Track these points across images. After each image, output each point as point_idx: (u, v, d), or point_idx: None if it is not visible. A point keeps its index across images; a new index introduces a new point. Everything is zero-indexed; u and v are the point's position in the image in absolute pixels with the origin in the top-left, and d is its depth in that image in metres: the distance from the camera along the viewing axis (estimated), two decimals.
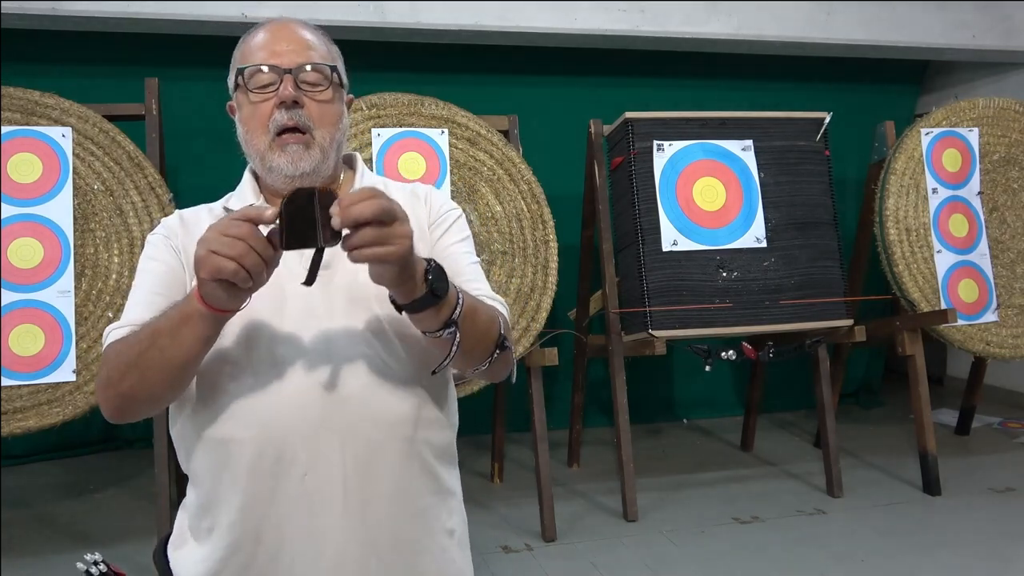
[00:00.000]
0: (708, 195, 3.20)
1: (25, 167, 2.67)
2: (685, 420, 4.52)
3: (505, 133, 3.15)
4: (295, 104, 1.16)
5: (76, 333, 2.62)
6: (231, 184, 1.32)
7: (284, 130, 1.16)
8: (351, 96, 1.29)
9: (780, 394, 4.37)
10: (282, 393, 1.10)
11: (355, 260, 0.95)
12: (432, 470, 1.19)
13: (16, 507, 3.21)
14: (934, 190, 3.44)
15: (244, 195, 1.25)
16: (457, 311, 1.04)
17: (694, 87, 4.31)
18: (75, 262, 2.66)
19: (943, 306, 3.31)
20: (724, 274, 3.14)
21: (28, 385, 2.56)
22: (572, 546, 2.83)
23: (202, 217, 1.25)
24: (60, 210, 2.67)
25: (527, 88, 4.13)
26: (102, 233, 2.71)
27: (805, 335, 3.21)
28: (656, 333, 3.01)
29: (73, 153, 2.72)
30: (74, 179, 2.71)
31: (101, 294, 2.67)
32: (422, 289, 1.01)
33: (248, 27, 1.28)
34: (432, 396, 1.19)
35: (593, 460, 3.78)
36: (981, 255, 3.46)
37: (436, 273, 1.01)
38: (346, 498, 1.11)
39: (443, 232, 1.27)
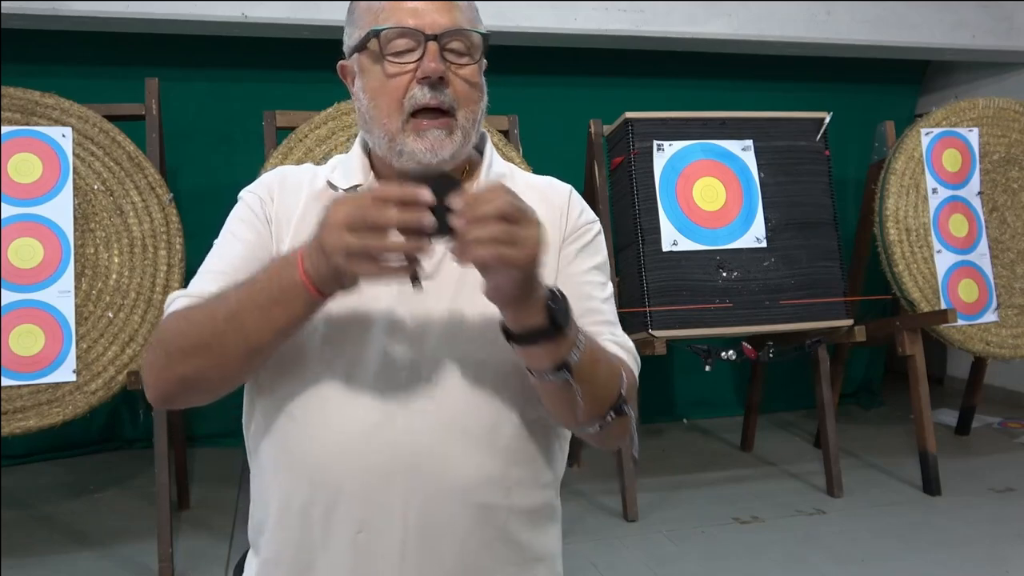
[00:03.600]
0: (708, 195, 3.20)
1: (25, 167, 2.67)
2: (685, 420, 4.52)
3: (505, 133, 3.15)
4: (440, 81, 0.97)
5: (76, 333, 2.62)
6: (231, 184, 1.26)
7: (422, 109, 0.97)
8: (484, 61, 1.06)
9: (780, 394, 4.37)
10: (345, 431, 0.95)
11: (472, 259, 0.79)
12: (515, 538, 1.01)
13: (16, 507, 3.21)
14: (934, 190, 3.44)
15: (351, 171, 1.06)
16: (575, 353, 0.87)
17: (694, 87, 4.31)
18: (75, 262, 2.66)
19: (943, 306, 3.31)
20: (724, 274, 3.13)
21: (28, 385, 2.56)
22: (572, 546, 2.82)
23: (303, 183, 1.07)
24: (60, 210, 2.67)
25: (527, 88, 4.12)
26: (102, 233, 2.71)
27: (805, 335, 3.21)
28: (656, 333, 3.01)
29: (73, 153, 2.72)
30: (74, 179, 2.71)
31: (101, 294, 2.67)
32: (541, 317, 0.85)
33: (248, 26, 1.17)
34: (525, 452, 1.01)
35: (593, 460, 3.78)
36: (981, 255, 3.46)
37: (559, 301, 0.86)
38: (402, 565, 0.95)
39: (578, 251, 1.07)
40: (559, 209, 1.08)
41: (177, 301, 0.97)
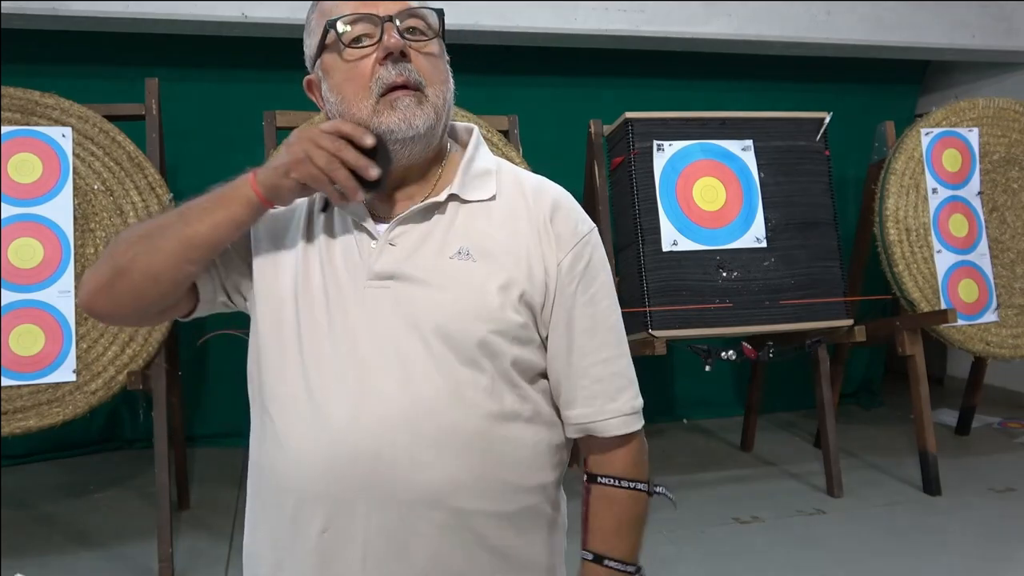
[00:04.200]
0: (708, 195, 3.20)
1: (25, 167, 2.67)
2: (685, 420, 4.52)
3: (505, 133, 3.15)
4: (402, 56, 0.96)
5: (76, 333, 2.62)
6: None
7: (391, 88, 0.97)
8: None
9: (780, 394, 4.37)
10: (310, 434, 0.96)
11: None
12: (494, 544, 0.98)
13: (16, 507, 3.21)
14: (934, 190, 3.44)
15: None
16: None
17: (694, 87, 4.31)
18: (75, 262, 2.66)
19: (943, 306, 3.31)
20: (724, 274, 3.13)
21: (28, 385, 2.56)
22: (572, 546, 2.82)
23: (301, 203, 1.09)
24: (60, 210, 2.67)
25: (527, 88, 4.13)
26: (102, 233, 2.71)
27: (805, 335, 3.21)
28: (656, 333, 3.01)
29: (73, 153, 2.72)
30: (74, 179, 2.71)
31: None
32: None
33: (248, 26, 1.19)
34: (499, 454, 0.97)
35: None
36: (981, 255, 3.46)
37: None
38: (365, 567, 0.94)
39: (578, 279, 1.01)
40: (544, 216, 1.02)
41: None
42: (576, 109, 3.87)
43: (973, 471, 3.51)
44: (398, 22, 0.96)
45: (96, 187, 2.72)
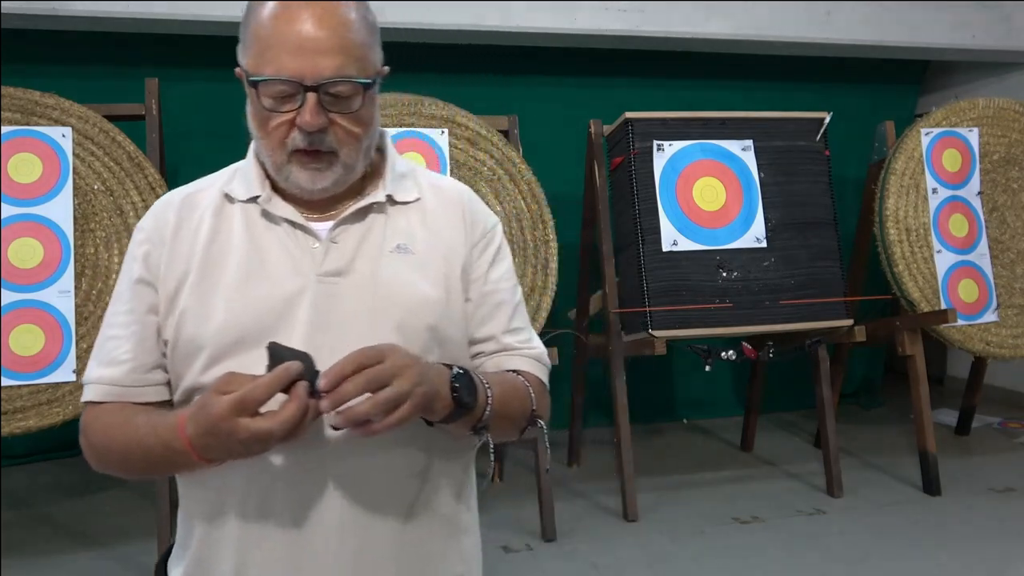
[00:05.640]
0: (708, 195, 3.20)
1: (25, 167, 2.67)
2: (685, 420, 4.52)
3: (505, 133, 3.15)
4: (319, 131, 0.97)
5: (76, 333, 2.62)
6: None
7: (303, 151, 0.99)
8: (386, 68, 1.06)
9: (780, 394, 4.37)
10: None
11: (357, 431, 0.87)
12: (442, 512, 1.07)
13: (16, 507, 3.21)
14: (934, 190, 3.44)
15: (250, 182, 1.06)
16: (488, 413, 0.98)
17: (694, 87, 4.31)
18: (75, 262, 2.66)
19: (943, 306, 3.31)
20: (724, 274, 3.13)
21: (28, 385, 2.56)
22: (572, 546, 2.83)
23: (199, 204, 1.07)
24: (60, 210, 2.67)
25: (527, 88, 4.13)
26: (102, 233, 2.71)
27: (805, 335, 3.21)
28: (656, 333, 3.01)
29: (73, 153, 2.72)
30: (74, 179, 2.71)
31: (101, 294, 2.67)
32: (448, 407, 0.93)
33: None
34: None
35: (593, 460, 3.78)
36: (981, 255, 3.46)
37: (463, 384, 0.94)
38: (340, 550, 0.99)
39: (490, 262, 1.12)
40: (462, 210, 1.12)
41: (93, 389, 1.05)
42: (576, 109, 3.87)
43: (973, 471, 3.51)
44: (322, 93, 0.95)
45: (96, 187, 2.72)
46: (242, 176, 1.08)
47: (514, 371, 1.11)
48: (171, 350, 1.02)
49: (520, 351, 1.12)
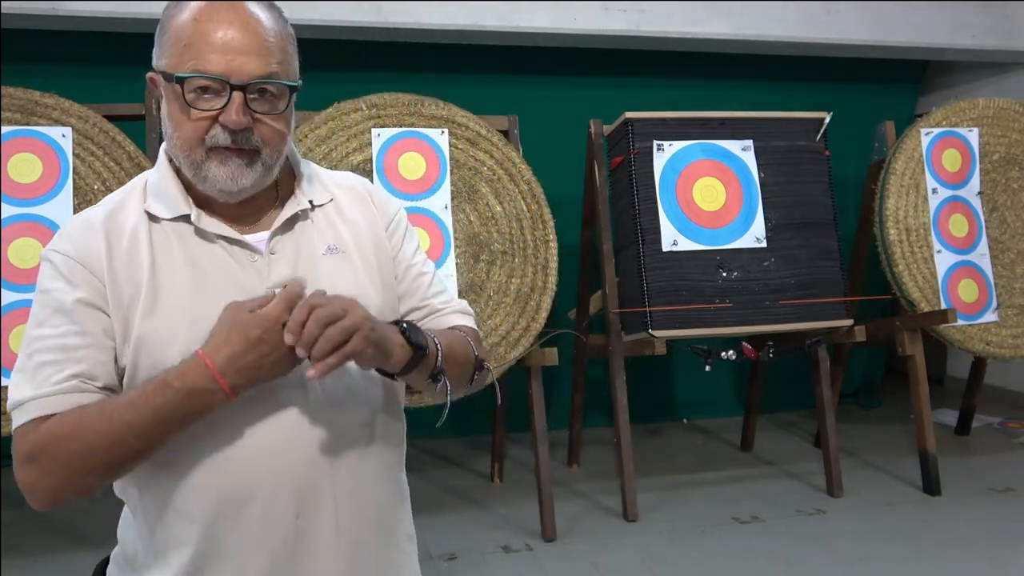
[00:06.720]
0: (708, 195, 3.20)
1: (25, 167, 2.67)
2: (685, 420, 4.52)
3: (505, 133, 3.15)
4: (244, 129, 0.98)
5: None
6: None
7: (225, 147, 0.99)
8: (301, 82, 1.06)
9: (780, 394, 4.37)
10: (266, 436, 1.00)
11: (325, 369, 0.91)
12: (398, 478, 1.15)
13: (16, 507, 3.20)
14: (934, 190, 3.44)
15: (170, 199, 1.04)
16: (439, 358, 1.05)
17: (694, 87, 4.31)
18: None
19: (943, 306, 3.31)
20: (724, 274, 3.13)
21: None
22: (572, 546, 2.83)
23: (126, 227, 1.03)
24: (60, 210, 2.67)
25: (527, 88, 4.13)
26: None
27: (805, 335, 3.21)
28: (656, 333, 3.01)
29: (73, 153, 2.72)
30: (74, 179, 2.71)
31: None
32: (407, 351, 1.00)
33: None
34: (393, 403, 1.13)
35: (593, 460, 3.78)
36: (981, 255, 3.46)
37: (412, 331, 1.01)
38: (337, 541, 1.04)
39: (402, 240, 1.18)
40: (368, 199, 1.17)
41: (32, 406, 0.97)
42: (576, 109, 3.87)
43: (973, 471, 3.51)
44: (248, 93, 0.96)
45: (96, 187, 2.72)
46: (158, 192, 1.05)
47: (451, 328, 1.19)
48: (129, 378, 1.00)
49: (445, 310, 1.20)
